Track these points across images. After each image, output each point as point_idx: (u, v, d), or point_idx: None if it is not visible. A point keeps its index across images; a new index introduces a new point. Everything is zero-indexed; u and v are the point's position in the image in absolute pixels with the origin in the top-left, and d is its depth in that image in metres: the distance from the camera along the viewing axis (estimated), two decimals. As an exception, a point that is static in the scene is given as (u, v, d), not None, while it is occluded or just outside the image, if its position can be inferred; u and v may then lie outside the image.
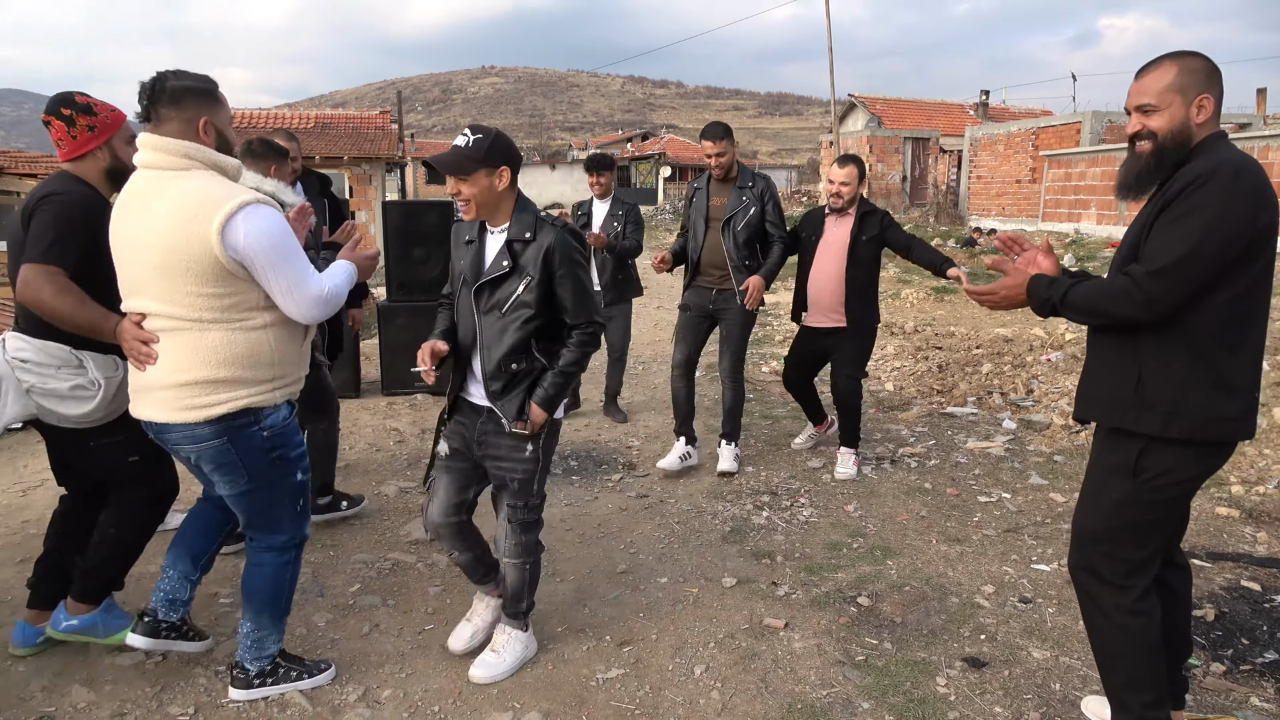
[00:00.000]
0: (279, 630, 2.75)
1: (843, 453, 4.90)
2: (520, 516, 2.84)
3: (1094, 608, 2.30)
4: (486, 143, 2.59)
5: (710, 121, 4.71)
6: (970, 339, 8.51)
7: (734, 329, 4.77)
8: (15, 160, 13.27)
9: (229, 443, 2.45)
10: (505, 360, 2.67)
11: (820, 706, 2.68)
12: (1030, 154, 18.63)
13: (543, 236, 2.65)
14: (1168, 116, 2.14)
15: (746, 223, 4.62)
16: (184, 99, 2.38)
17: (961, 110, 31.48)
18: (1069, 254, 14.42)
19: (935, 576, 3.56)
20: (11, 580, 3.50)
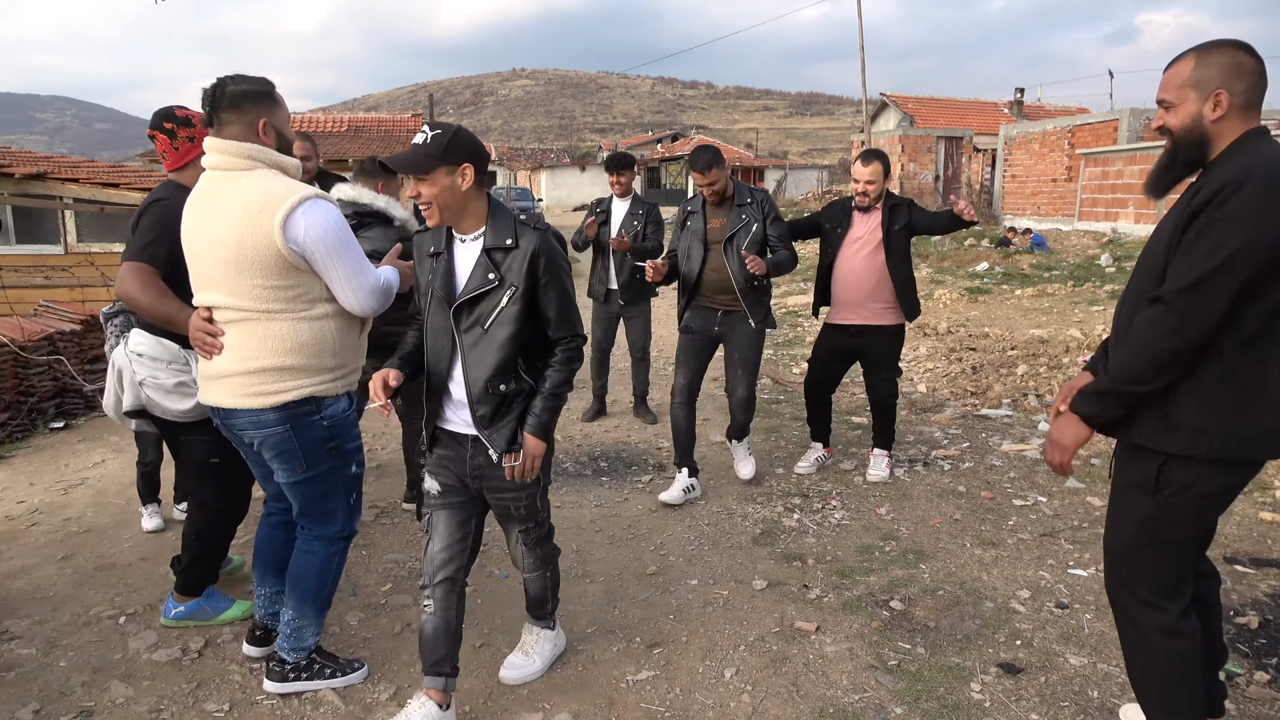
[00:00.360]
0: (318, 623, 2.79)
1: (876, 455, 4.81)
2: (533, 536, 2.75)
3: (1131, 628, 2.22)
4: (446, 138, 2.36)
5: (695, 148, 4.34)
6: (1005, 340, 8.40)
7: (745, 352, 4.45)
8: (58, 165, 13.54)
9: (291, 430, 2.56)
10: (492, 382, 2.43)
11: (852, 711, 2.65)
12: (1066, 152, 18.36)
13: (525, 241, 2.41)
14: (1181, 113, 2.07)
15: (751, 240, 4.35)
16: (243, 102, 2.50)
17: (996, 108, 31.13)
18: (1106, 253, 14.20)
19: (969, 581, 3.51)
20: (53, 576, 3.57)
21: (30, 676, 2.83)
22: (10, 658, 2.94)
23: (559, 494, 4.60)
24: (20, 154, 14.31)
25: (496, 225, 2.44)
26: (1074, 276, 12.76)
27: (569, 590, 3.47)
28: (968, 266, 14.57)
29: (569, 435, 5.75)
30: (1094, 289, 11.69)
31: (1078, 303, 10.80)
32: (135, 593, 3.43)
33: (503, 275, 2.41)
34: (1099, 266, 13.42)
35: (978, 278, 13.35)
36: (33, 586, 3.48)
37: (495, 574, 3.63)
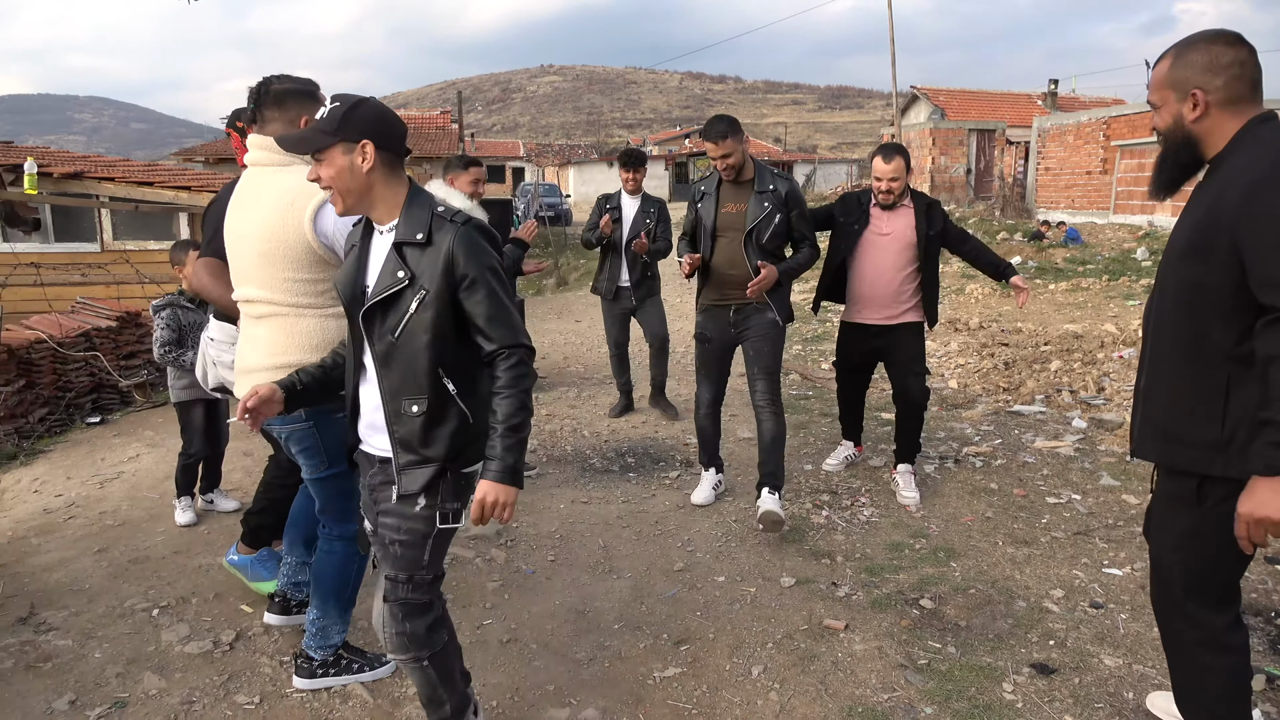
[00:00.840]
0: (343, 621, 2.79)
1: (902, 472, 4.44)
2: (401, 594, 2.18)
3: (1176, 641, 2.16)
4: (342, 110, 2.02)
5: (711, 118, 3.96)
6: (1038, 335, 8.28)
7: (764, 345, 4.01)
8: (95, 164, 13.77)
9: (314, 427, 2.58)
10: (403, 401, 2.05)
11: (881, 710, 2.62)
12: (1101, 144, 18.06)
13: (440, 237, 2.02)
14: (1165, 115, 2.05)
15: (773, 233, 3.93)
16: (286, 100, 2.55)
17: (1029, 100, 30.70)
18: (1142, 247, 13.95)
19: (1001, 579, 3.46)
20: (89, 569, 3.62)
21: (66, 667, 2.87)
22: (48, 648, 2.99)
23: (586, 489, 4.60)
24: (59, 154, 14.57)
25: (410, 216, 2.06)
26: (1109, 271, 12.56)
27: (597, 586, 3.47)
28: (1000, 261, 14.38)
29: (596, 431, 5.75)
30: (1129, 283, 11.50)
31: (1113, 297, 10.63)
32: (168, 586, 3.48)
33: (414, 274, 2.03)
34: (1135, 260, 13.20)
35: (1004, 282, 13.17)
36: (69, 578, 3.54)
37: (522, 569, 3.64)
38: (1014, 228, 17.37)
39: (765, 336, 4.02)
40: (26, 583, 3.50)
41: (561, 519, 4.19)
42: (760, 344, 4.03)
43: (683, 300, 11.65)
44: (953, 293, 11.60)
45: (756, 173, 3.98)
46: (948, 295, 11.47)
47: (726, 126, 3.86)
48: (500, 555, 3.77)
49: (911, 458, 4.46)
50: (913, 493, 4.33)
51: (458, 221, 2.04)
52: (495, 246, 2.09)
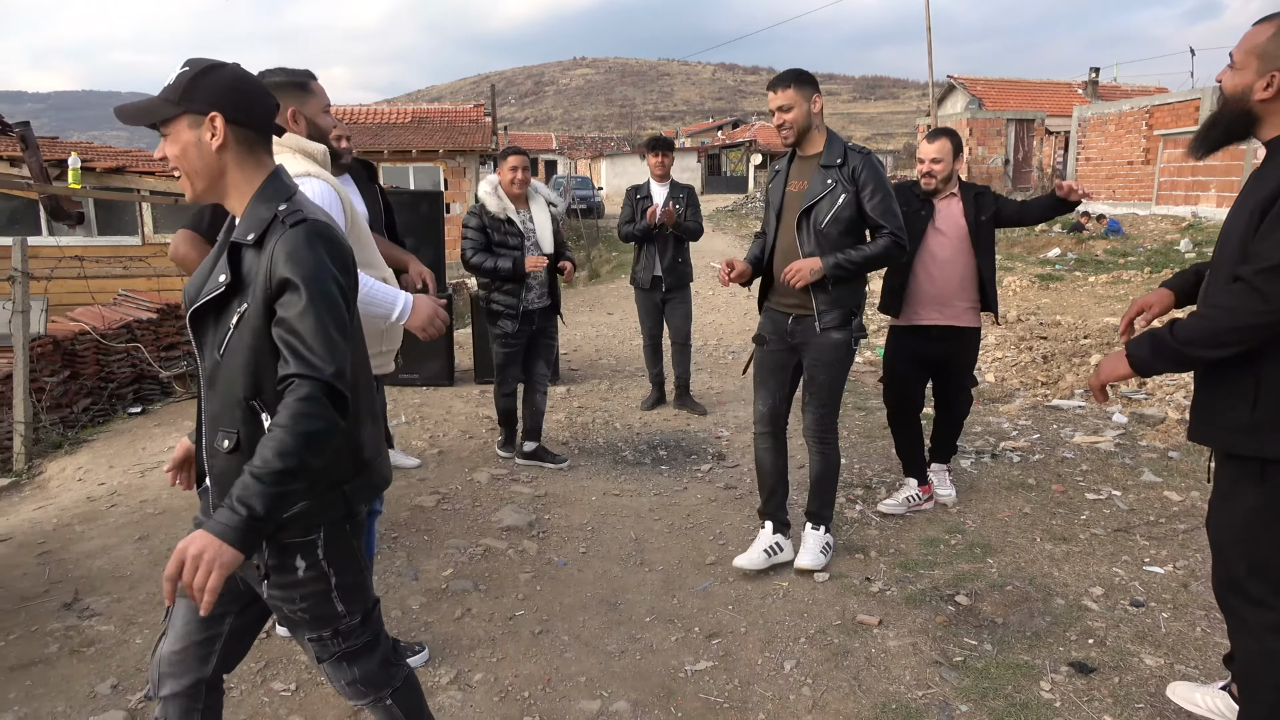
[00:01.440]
0: None
1: (937, 472, 4.24)
2: (334, 649, 1.85)
3: (1242, 628, 2.13)
4: (189, 76, 1.67)
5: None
6: (1077, 328, 8.14)
7: (819, 371, 3.38)
8: (136, 159, 14.01)
9: None
10: (219, 434, 1.69)
11: (915, 707, 2.59)
12: (1144, 134, 17.70)
13: (270, 241, 1.63)
14: (1237, 78, 2.01)
15: (834, 217, 3.23)
16: (276, 93, 2.51)
17: (1069, 89, 30.16)
18: (1185, 238, 13.66)
19: (1039, 576, 3.41)
20: (130, 556, 3.69)
21: (109, 652, 2.93)
22: (91, 633, 3.05)
23: (618, 481, 4.61)
24: (102, 149, 14.85)
25: (250, 212, 1.70)
26: (1151, 262, 12.32)
27: (628, 578, 3.47)
28: (1038, 253, 14.17)
29: (627, 424, 5.75)
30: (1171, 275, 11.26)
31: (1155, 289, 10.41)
32: (207, 573, 3.53)
33: (240, 281, 1.66)
34: (1178, 252, 12.93)
35: (1049, 264, 12.98)
36: (112, 565, 3.61)
37: (554, 561, 3.65)
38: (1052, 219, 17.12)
39: (822, 361, 3.37)
40: (71, 569, 3.58)
41: (593, 511, 4.20)
42: (816, 369, 3.39)
43: (714, 292, 11.61)
44: (989, 285, 11.44)
45: (826, 143, 3.31)
46: (984, 288, 11.31)
47: (792, 75, 3.27)
48: (532, 547, 3.78)
49: (947, 458, 4.29)
50: (948, 489, 4.21)
51: (288, 222, 1.65)
52: (337, 255, 1.67)
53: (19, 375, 5.33)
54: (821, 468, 3.51)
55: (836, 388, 3.43)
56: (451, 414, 5.97)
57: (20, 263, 5.39)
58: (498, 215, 4.52)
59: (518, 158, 4.58)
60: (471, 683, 2.77)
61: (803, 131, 3.30)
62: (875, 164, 3.27)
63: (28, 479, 5.00)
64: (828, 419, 3.45)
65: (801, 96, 3.24)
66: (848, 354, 3.39)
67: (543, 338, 4.80)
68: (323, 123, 2.65)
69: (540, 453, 4.87)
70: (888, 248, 3.27)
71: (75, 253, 8.31)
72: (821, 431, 3.46)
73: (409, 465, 4.83)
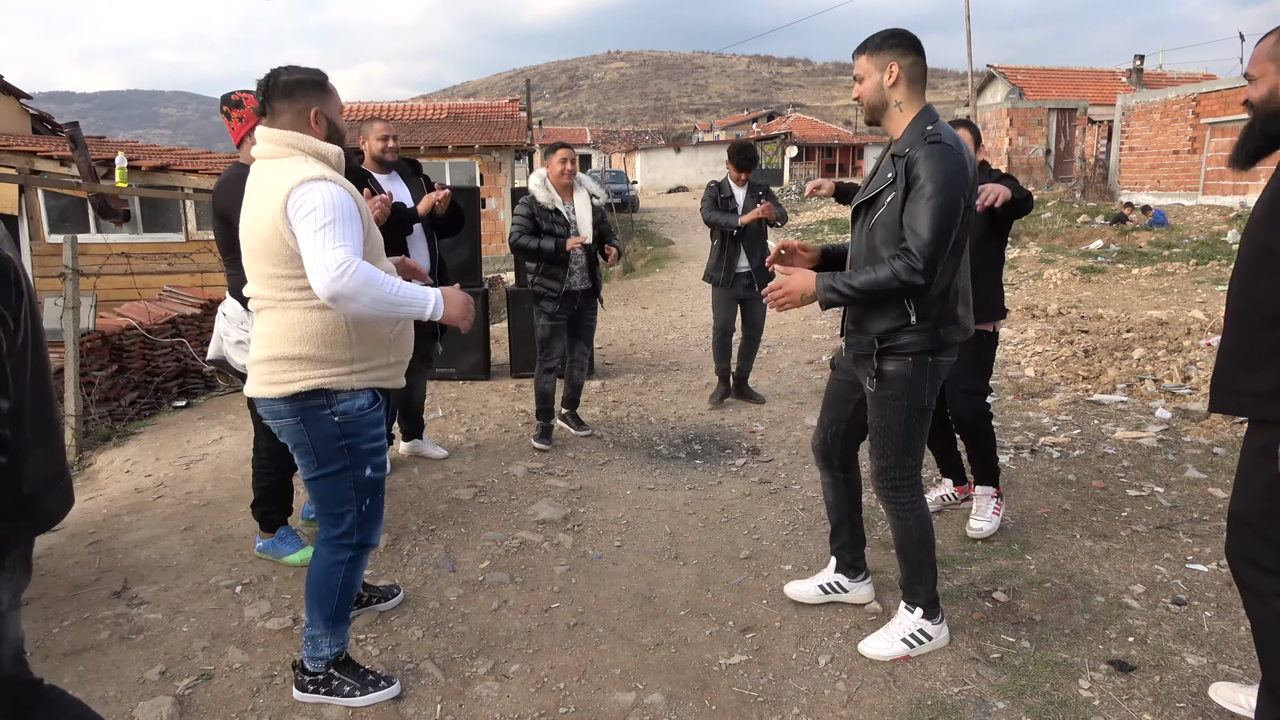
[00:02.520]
0: (332, 634, 2.64)
1: (979, 496, 3.75)
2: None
3: (1255, 599, 2.19)
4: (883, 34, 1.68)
5: None
6: (1120, 322, 8.00)
7: (874, 412, 2.76)
8: (180, 157, 14.28)
9: (302, 423, 2.48)
10: None
11: (951, 704, 2.58)
12: (1190, 122, 17.31)
13: None
14: (1260, 87, 2.11)
15: (880, 220, 2.62)
16: (295, 92, 2.48)
17: (1113, 77, 29.56)
18: (1234, 229, 13.34)
19: (1079, 573, 3.37)
20: (177, 547, 3.78)
21: (156, 639, 3.01)
22: (139, 621, 3.13)
23: (653, 475, 4.62)
24: (146, 148, 15.15)
25: None
26: (1197, 254, 12.05)
27: (663, 572, 3.49)
28: (1080, 245, 13.93)
29: (662, 418, 5.76)
30: (1219, 267, 11.01)
31: (1201, 282, 10.19)
32: (250, 564, 3.61)
33: None
34: (1225, 244, 12.64)
35: (1091, 256, 12.76)
36: (159, 555, 3.70)
37: (589, 554, 3.68)
38: (1095, 210, 16.78)
39: (873, 398, 2.75)
40: (120, 558, 3.67)
41: (628, 505, 4.22)
42: (871, 409, 2.79)
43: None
44: (1030, 278, 11.27)
45: (908, 126, 2.62)
46: (1025, 280, 11.15)
47: (869, 40, 2.67)
48: (567, 540, 3.81)
49: (982, 478, 3.76)
50: (983, 522, 3.68)
51: None
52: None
53: (70, 369, 5.48)
54: (895, 532, 2.87)
55: (894, 431, 2.71)
56: (488, 408, 6.02)
57: (70, 260, 5.53)
58: (545, 205, 4.94)
59: (566, 151, 4.98)
60: (508, 674, 2.80)
61: (874, 109, 2.66)
62: (937, 157, 2.49)
63: (78, 471, 5.14)
64: (890, 471, 2.77)
65: (873, 65, 2.63)
66: (905, 390, 2.66)
67: (583, 319, 5.20)
68: (340, 124, 2.59)
69: (570, 418, 5.43)
70: (893, 274, 2.49)
71: (122, 249, 8.50)
72: (883, 486, 2.81)
73: (437, 455, 4.93)
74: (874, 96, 2.64)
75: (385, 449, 2.66)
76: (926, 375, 2.65)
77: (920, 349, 2.62)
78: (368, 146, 4.37)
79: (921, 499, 2.83)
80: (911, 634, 2.83)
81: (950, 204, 2.47)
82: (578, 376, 5.36)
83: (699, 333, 8.99)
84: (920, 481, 2.82)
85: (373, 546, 2.68)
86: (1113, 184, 19.68)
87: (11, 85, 15.10)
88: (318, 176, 2.36)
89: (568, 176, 4.93)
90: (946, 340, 2.65)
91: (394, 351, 2.61)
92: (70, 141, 8.06)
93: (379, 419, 2.59)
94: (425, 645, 2.97)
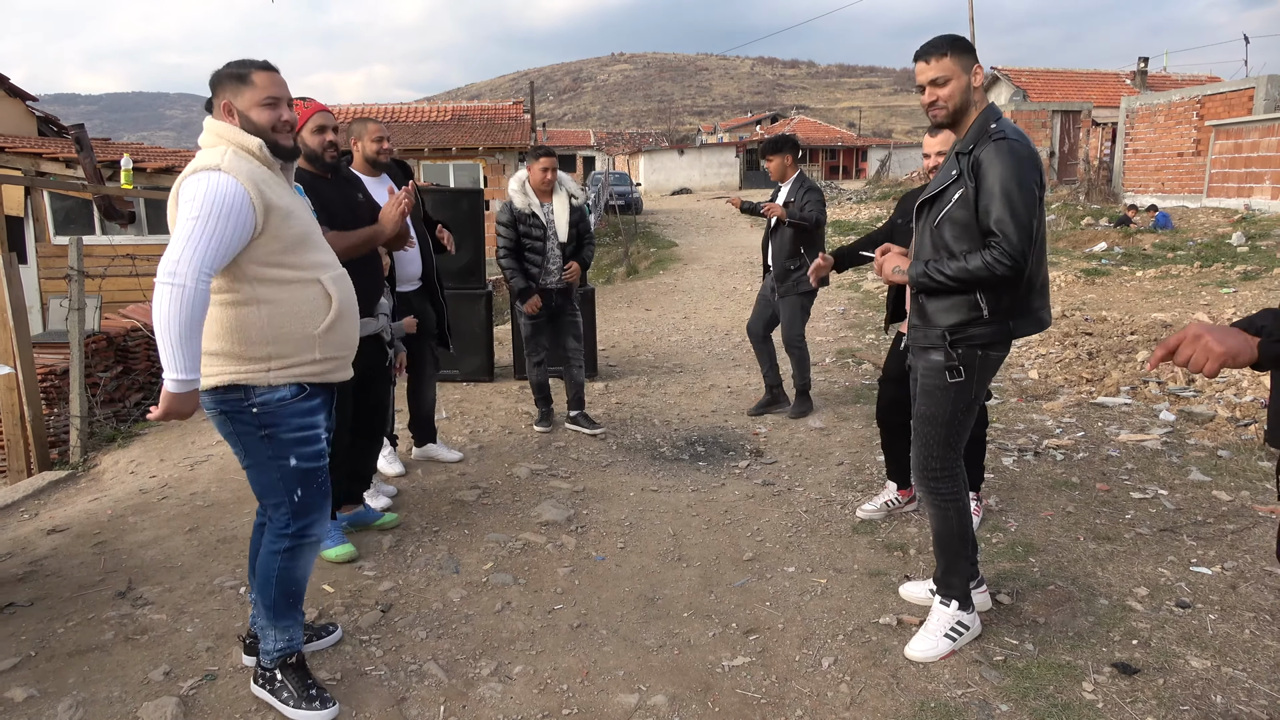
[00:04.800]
0: (275, 628, 2.60)
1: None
2: None
3: None
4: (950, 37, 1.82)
5: None
6: (1124, 324, 7.99)
7: (921, 401, 2.82)
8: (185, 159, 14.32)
9: (225, 416, 2.48)
10: None
11: (955, 706, 2.58)
12: (1194, 124, 17.28)
13: None
14: None
15: (947, 216, 2.64)
16: (217, 85, 2.49)
17: (1117, 80, 29.52)
18: (1238, 231, 13.32)
19: (1082, 576, 3.37)
20: (181, 547, 3.79)
21: (161, 640, 3.02)
22: (144, 621, 3.14)
23: (656, 477, 4.62)
24: (152, 149, 15.19)
25: None
26: (1201, 257, 12.03)
27: (666, 574, 3.49)
28: (1084, 247, 13.92)
29: (666, 420, 5.76)
30: (1224, 269, 10.99)
31: (1205, 284, 10.17)
32: (255, 564, 3.62)
33: None
34: (1229, 246, 12.61)
35: (1095, 258, 12.74)
36: (163, 556, 3.71)
37: (592, 555, 3.68)
38: (1099, 212, 16.77)
39: (923, 389, 2.81)
40: (125, 559, 3.68)
41: (631, 506, 4.22)
42: (918, 398, 2.85)
43: (752, 289, 11.57)
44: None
45: (973, 124, 2.67)
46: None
47: (947, 41, 2.67)
48: (571, 542, 3.81)
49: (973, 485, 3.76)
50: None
51: None
52: None
53: (75, 371, 5.49)
54: (935, 523, 2.89)
55: (939, 421, 2.77)
56: (492, 409, 6.03)
57: (76, 261, 5.55)
58: (523, 209, 5.09)
59: (548, 159, 5.12)
60: (511, 675, 2.81)
61: (958, 111, 2.68)
62: (1006, 152, 2.53)
63: (83, 471, 5.15)
64: (931, 461, 2.80)
65: (960, 67, 2.64)
66: (949, 383, 2.72)
67: (564, 315, 5.36)
68: (257, 118, 2.48)
69: (579, 419, 5.47)
70: (985, 264, 2.53)
71: (127, 251, 8.51)
72: (924, 477, 2.84)
73: (450, 459, 4.91)
74: (961, 99, 2.66)
75: (318, 439, 2.59)
76: (976, 369, 2.70)
77: (985, 341, 2.67)
78: (360, 148, 4.21)
79: (963, 490, 2.85)
80: (952, 627, 2.87)
81: (1028, 195, 2.52)
82: (576, 375, 5.43)
83: (702, 335, 8.99)
84: (962, 473, 2.85)
85: (313, 540, 2.61)
86: (1117, 186, 19.65)
87: (18, 87, 15.14)
88: (212, 166, 2.34)
89: (547, 184, 5.09)
90: (1016, 334, 2.71)
91: (322, 348, 2.52)
92: (76, 143, 8.08)
93: (306, 408, 2.54)
94: (429, 646, 2.97)
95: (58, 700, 2.64)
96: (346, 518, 3.87)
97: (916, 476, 2.89)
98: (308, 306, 2.50)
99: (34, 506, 4.58)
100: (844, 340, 8.38)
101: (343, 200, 3.62)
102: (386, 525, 3.95)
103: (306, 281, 2.50)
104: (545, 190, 5.11)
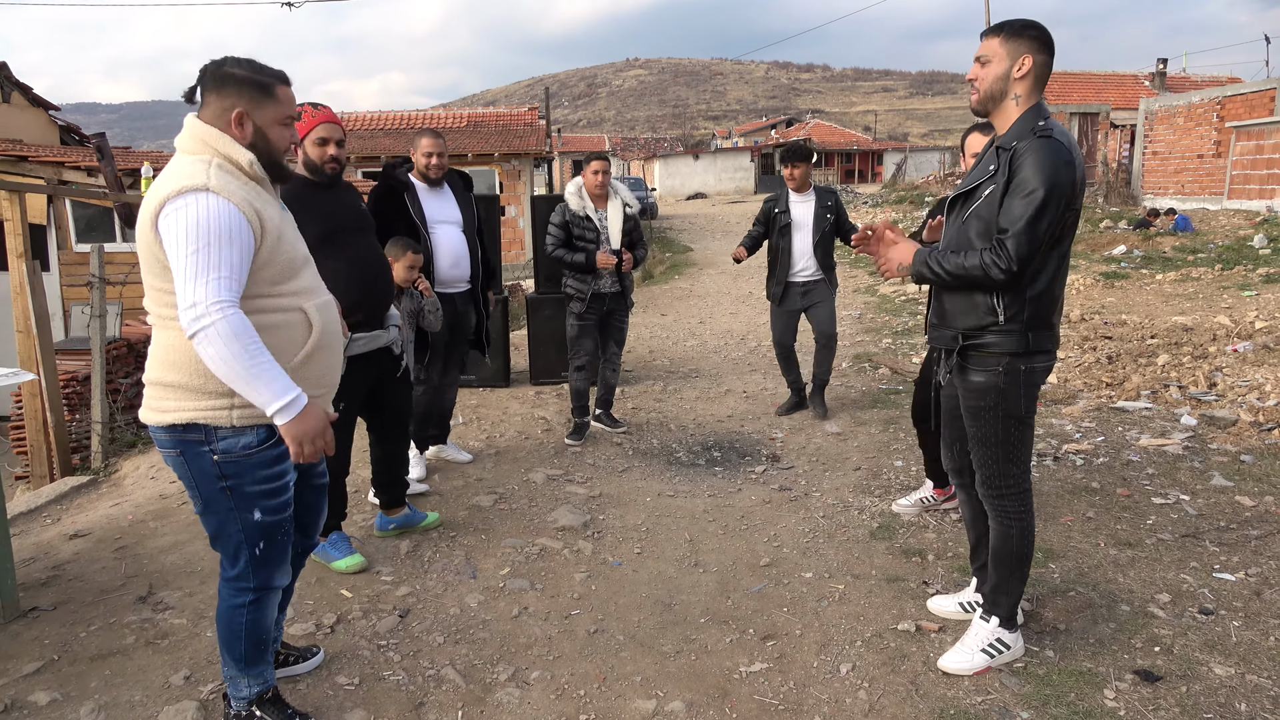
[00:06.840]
0: (244, 675, 2.44)
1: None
2: None
3: None
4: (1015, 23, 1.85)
5: None
6: (1144, 328, 7.92)
7: (969, 418, 2.71)
8: (204, 167, 14.40)
9: (182, 456, 2.21)
10: None
11: (975, 713, 2.56)
12: (1214, 125, 17.12)
13: None
14: None
15: (975, 212, 2.54)
16: (226, 86, 2.19)
17: (1135, 81, 29.29)
18: (1260, 233, 13.18)
19: (1103, 582, 3.33)
20: (201, 552, 3.82)
21: (181, 644, 3.04)
22: (165, 626, 3.17)
23: (672, 483, 4.62)
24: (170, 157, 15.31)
25: None
26: (1222, 259, 11.92)
27: (683, 579, 3.49)
28: (1103, 250, 13.82)
29: (682, 425, 5.76)
30: (1245, 272, 10.88)
31: (1227, 287, 10.07)
32: (274, 569, 3.64)
33: None
34: (1251, 248, 12.49)
35: (1114, 262, 12.64)
36: (183, 561, 3.74)
37: (609, 561, 3.68)
38: (1118, 215, 16.64)
39: (968, 410, 2.71)
40: (145, 564, 3.71)
41: (648, 512, 4.22)
42: (967, 421, 2.73)
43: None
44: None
45: (1017, 120, 2.51)
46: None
47: (1006, 25, 2.52)
48: (587, 547, 3.82)
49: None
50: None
51: None
52: None
53: (96, 377, 5.55)
54: (995, 539, 2.76)
55: (992, 442, 2.65)
56: (508, 415, 6.04)
57: (97, 269, 5.61)
58: (577, 213, 5.13)
59: (599, 162, 5.18)
60: (529, 680, 2.81)
61: (990, 97, 2.53)
62: (1044, 151, 2.39)
63: (104, 477, 5.20)
64: (994, 480, 2.70)
65: (1006, 52, 2.48)
66: (998, 400, 2.59)
67: (613, 320, 5.38)
68: (275, 138, 2.25)
69: (604, 417, 5.61)
70: (981, 264, 2.44)
71: (147, 258, 8.59)
72: (989, 494, 2.74)
73: (462, 460, 4.97)
74: (996, 85, 2.51)
75: (285, 489, 2.32)
76: (1020, 383, 2.58)
77: (1006, 351, 2.55)
78: (416, 160, 4.45)
79: (1030, 508, 2.73)
80: (990, 644, 2.78)
81: (1050, 201, 2.38)
82: (610, 377, 5.54)
83: (718, 340, 8.99)
84: (1029, 489, 2.74)
85: (277, 589, 2.41)
86: (1136, 189, 19.50)
87: (40, 97, 15.33)
88: (199, 187, 2.06)
89: (600, 187, 5.12)
90: (1036, 346, 2.55)
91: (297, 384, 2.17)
92: (97, 152, 8.17)
93: (274, 456, 2.24)
94: (446, 651, 2.98)
95: (80, 704, 2.67)
96: (395, 520, 3.94)
97: (980, 493, 2.78)
98: (283, 335, 2.22)
99: (56, 511, 4.63)
100: (861, 345, 8.35)
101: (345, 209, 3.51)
102: (431, 525, 4.02)
103: (286, 309, 2.24)
104: (600, 195, 5.17)
